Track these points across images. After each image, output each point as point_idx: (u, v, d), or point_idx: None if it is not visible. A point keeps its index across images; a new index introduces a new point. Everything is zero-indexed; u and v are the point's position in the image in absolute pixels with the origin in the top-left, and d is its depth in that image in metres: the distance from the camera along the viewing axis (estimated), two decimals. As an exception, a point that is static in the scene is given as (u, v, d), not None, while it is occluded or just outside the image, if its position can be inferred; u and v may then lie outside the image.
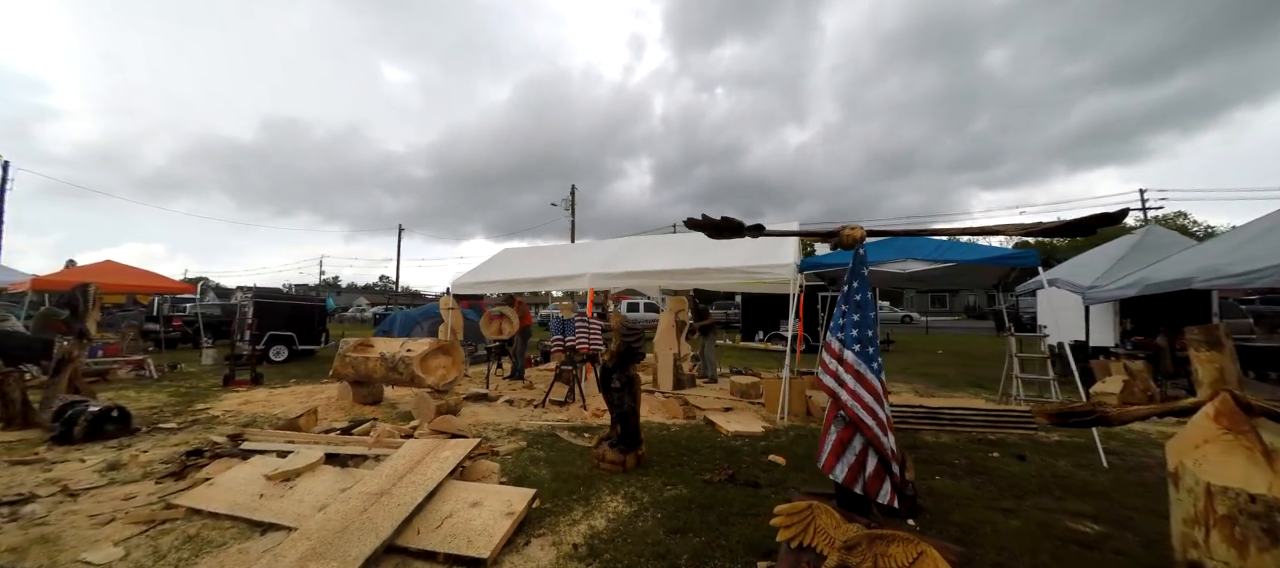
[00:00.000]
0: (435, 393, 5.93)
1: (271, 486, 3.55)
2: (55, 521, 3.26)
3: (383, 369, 6.20)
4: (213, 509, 3.29)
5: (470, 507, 3.16)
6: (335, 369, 6.75)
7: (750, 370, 9.59)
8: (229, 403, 6.97)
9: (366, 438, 4.40)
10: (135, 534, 3.05)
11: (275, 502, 3.35)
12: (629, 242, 8.77)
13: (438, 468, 3.52)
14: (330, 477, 3.69)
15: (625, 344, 4.44)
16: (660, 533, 3.14)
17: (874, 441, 2.77)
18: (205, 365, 11.21)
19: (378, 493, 3.22)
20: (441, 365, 6.19)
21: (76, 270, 9.95)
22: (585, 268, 7.74)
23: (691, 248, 7.85)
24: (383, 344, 6.67)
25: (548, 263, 8.56)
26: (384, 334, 10.99)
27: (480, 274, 9.08)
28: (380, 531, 2.79)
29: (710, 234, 2.82)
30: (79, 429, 4.95)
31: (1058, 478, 4.43)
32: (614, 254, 8.15)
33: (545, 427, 5.70)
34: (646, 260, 7.57)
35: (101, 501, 3.59)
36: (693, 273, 6.93)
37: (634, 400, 4.40)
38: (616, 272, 7.53)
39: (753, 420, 6.00)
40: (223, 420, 5.94)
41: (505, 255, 9.94)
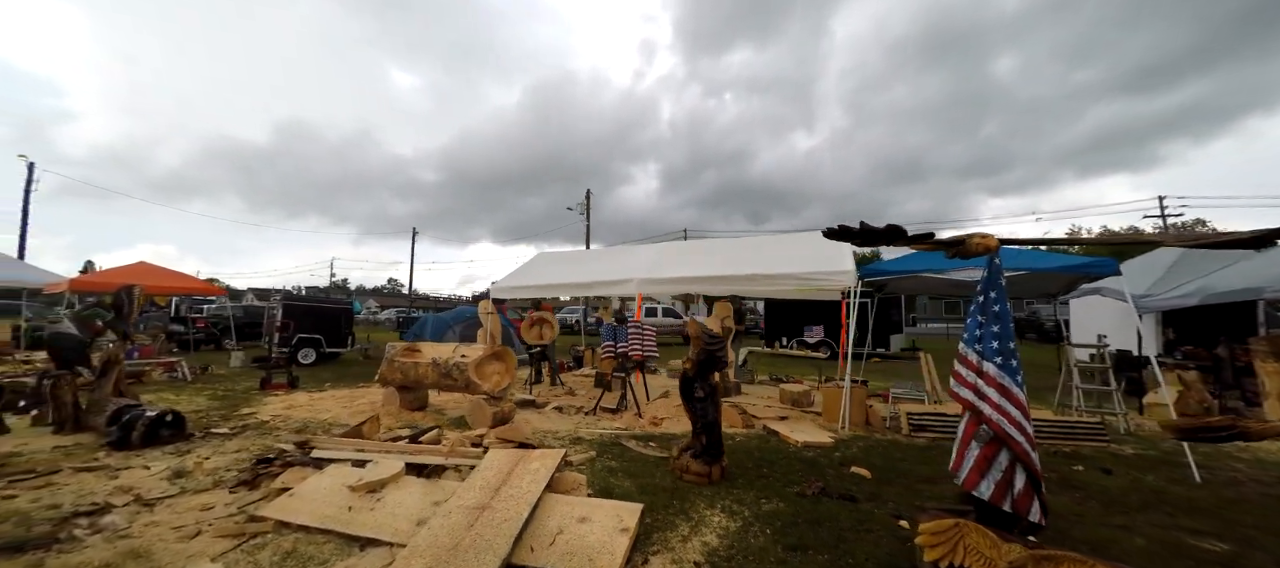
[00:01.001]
0: (491, 400, 5.78)
1: (357, 497, 3.40)
2: (139, 533, 3.11)
3: (435, 375, 6.05)
4: (302, 522, 3.14)
5: (578, 523, 3.00)
6: (382, 374, 6.61)
7: (791, 378, 9.42)
8: (273, 407, 6.83)
9: (440, 448, 4.25)
10: (228, 549, 2.90)
11: (366, 514, 3.20)
12: (675, 246, 8.63)
13: (531, 481, 3.37)
14: (417, 488, 3.53)
15: (706, 352, 4.29)
16: (778, 550, 2.98)
17: (1024, 457, 2.61)
18: (234, 367, 11.09)
19: (477, 507, 3.07)
20: (496, 372, 6.04)
21: (115, 271, 9.86)
22: (632, 272, 7.60)
23: (742, 253, 7.72)
24: (432, 349, 6.53)
25: (590, 267, 8.41)
26: (415, 338, 10.85)
27: (520, 278, 8.95)
28: (496, 549, 2.64)
29: (858, 243, 2.67)
30: (137, 434, 4.82)
31: (1157, 493, 4.25)
32: (659, 258, 8.01)
33: (606, 435, 5.54)
34: (697, 265, 7.43)
35: (179, 511, 3.45)
36: (747, 279, 6.79)
37: (717, 410, 4.24)
38: (666, 276, 7.39)
39: (815, 430, 5.83)
40: (273, 426, 5.80)
41: (541, 260, 9.81)
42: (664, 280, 7.41)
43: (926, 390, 6.51)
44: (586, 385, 8.72)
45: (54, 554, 2.83)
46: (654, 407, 6.72)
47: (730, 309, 8.21)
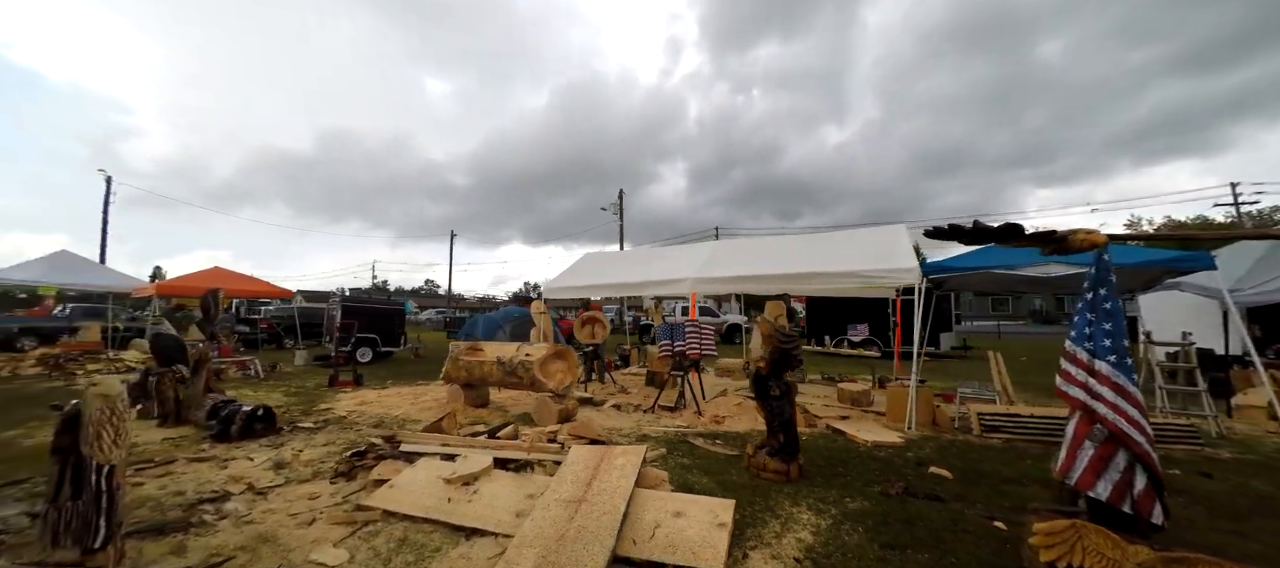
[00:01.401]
0: (555, 397, 5.92)
1: (453, 489, 3.55)
2: (260, 519, 3.34)
3: (500, 373, 6.24)
4: (406, 512, 3.30)
5: (674, 517, 3.05)
6: (447, 372, 6.85)
7: (845, 376, 9.26)
8: (346, 403, 7.16)
9: (521, 443, 4.39)
10: (345, 536, 3.08)
11: (464, 506, 3.34)
12: (727, 245, 8.61)
13: (619, 476, 3.44)
14: (508, 482, 3.66)
15: (781, 350, 4.28)
16: (875, 548, 2.96)
17: (1145, 457, 2.52)
18: (298, 365, 11.69)
19: (572, 501, 3.16)
20: (559, 370, 6.17)
21: (195, 275, 10.59)
22: (685, 272, 7.63)
23: (796, 250, 7.64)
24: (494, 349, 6.73)
25: (641, 267, 8.49)
26: (468, 337, 11.18)
27: (569, 279, 9.10)
28: (602, 540, 2.72)
29: (969, 241, 2.62)
30: (235, 428, 5.16)
31: (1265, 499, 4.02)
32: (712, 257, 8.00)
33: (671, 433, 5.59)
34: (751, 263, 7.40)
35: (290, 499, 3.68)
36: (804, 277, 6.72)
37: (793, 409, 4.24)
38: (720, 275, 7.39)
39: (881, 430, 5.73)
40: (351, 420, 6.10)
41: (588, 260, 9.94)
42: (718, 279, 7.41)
43: (997, 390, 6.30)
44: (636, 384, 8.80)
45: (191, 536, 3.07)
46: (713, 405, 6.74)
47: (782, 308, 8.07)
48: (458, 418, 5.37)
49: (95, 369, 10.45)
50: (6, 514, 3.30)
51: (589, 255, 10.34)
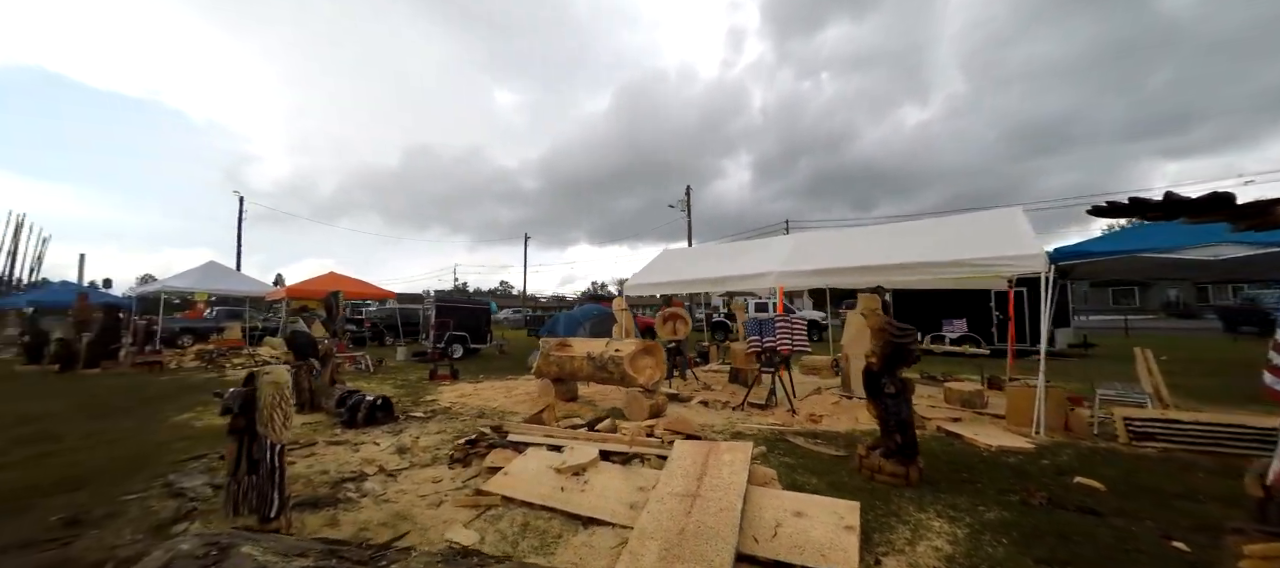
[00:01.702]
0: (645, 393, 5.94)
1: (564, 479, 3.64)
2: (394, 498, 3.62)
3: (590, 368, 6.37)
4: (523, 498, 3.43)
5: (794, 516, 2.93)
6: (538, 367, 7.11)
7: (949, 376, 8.54)
8: (448, 395, 7.66)
9: (622, 436, 4.44)
10: (472, 518, 3.26)
11: (578, 496, 3.42)
12: (812, 236, 8.25)
13: (730, 472, 3.36)
14: (616, 474, 3.71)
15: (894, 344, 3.99)
16: (1028, 562, 2.66)
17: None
18: (400, 361, 12.72)
19: (686, 495, 3.12)
20: (648, 366, 6.20)
21: (315, 280, 11.92)
22: (769, 266, 7.38)
23: (891, 239, 7.14)
24: (582, 345, 6.88)
25: (723, 262, 8.33)
26: (550, 333, 11.58)
27: (649, 275, 9.13)
28: (723, 535, 2.66)
29: (1161, 216, 2.25)
30: (361, 415, 5.67)
31: None
32: (796, 250, 7.69)
33: (767, 432, 5.42)
34: (842, 255, 7.01)
35: (416, 481, 3.96)
36: (904, 267, 6.25)
37: (910, 408, 3.93)
38: (806, 268, 7.08)
39: (1002, 434, 5.20)
40: (455, 411, 6.50)
41: (666, 257, 9.93)
42: (805, 273, 7.10)
43: (1148, 393, 5.49)
44: (718, 381, 8.65)
45: (341, 511, 3.39)
46: (807, 404, 6.46)
47: (876, 301, 7.62)
48: (555, 411, 5.54)
49: (239, 362, 12.00)
50: (194, 485, 3.82)
51: (667, 252, 10.33)
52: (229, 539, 1.60)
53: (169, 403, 7.34)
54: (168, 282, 12.38)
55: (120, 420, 6.21)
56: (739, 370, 8.48)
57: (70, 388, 8.77)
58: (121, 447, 4.98)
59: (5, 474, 4.19)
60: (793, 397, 6.40)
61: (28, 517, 3.34)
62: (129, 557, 2.74)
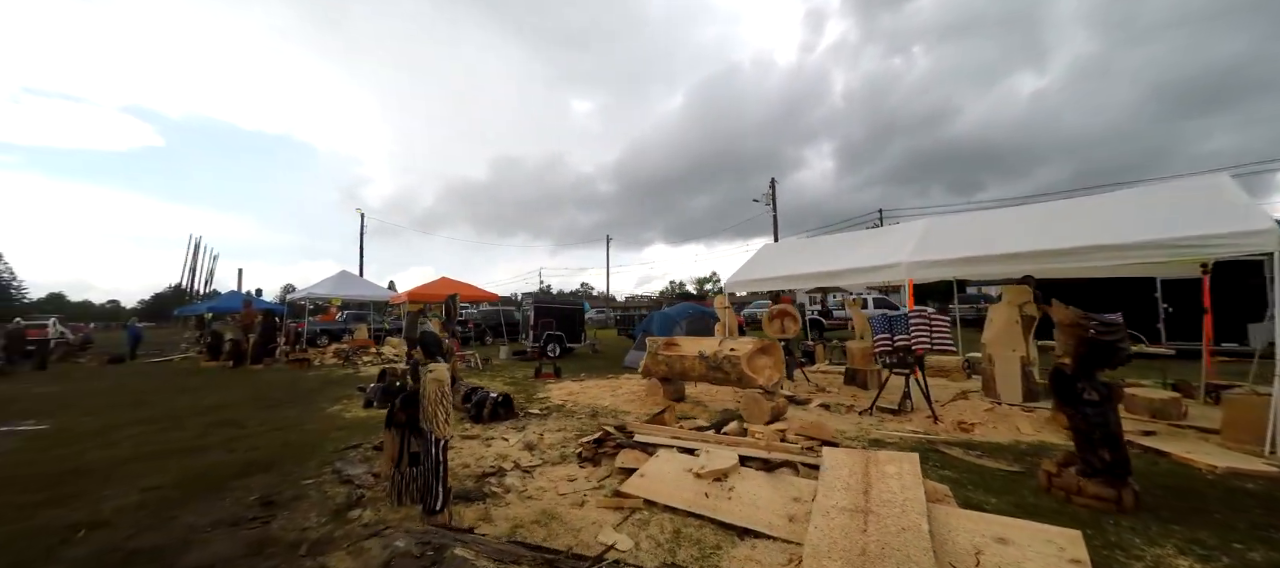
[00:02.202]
0: (765, 394, 5.61)
1: (705, 484, 3.45)
2: (537, 495, 3.64)
3: (702, 368, 6.15)
4: (668, 503, 3.28)
5: (996, 542, 2.50)
6: (646, 366, 7.02)
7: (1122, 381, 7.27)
8: (557, 394, 7.83)
9: (756, 441, 4.18)
10: (619, 521, 3.16)
11: (726, 503, 3.21)
12: (944, 222, 7.40)
13: (901, 486, 2.97)
14: (761, 482, 3.45)
15: (1095, 342, 3.34)
16: (1354, 631, 2.02)
17: None
18: (503, 360, 13.39)
19: (855, 510, 2.79)
20: (767, 366, 5.86)
21: (432, 284, 12.97)
22: (896, 256, 6.71)
23: (1049, 221, 6.19)
24: (692, 344, 6.69)
25: (837, 254, 7.73)
26: (644, 333, 11.54)
27: (753, 272, 8.74)
28: (916, 559, 2.31)
29: None
30: (486, 411, 5.90)
31: None
32: (927, 237, 6.91)
33: (910, 440, 4.87)
34: (985, 241, 6.18)
35: (553, 479, 3.97)
36: (1084, 252, 5.34)
37: (1118, 417, 3.28)
38: (943, 257, 6.33)
39: (1223, 452, 4.23)
40: (570, 409, 6.60)
41: (769, 251, 9.46)
42: (943, 262, 6.35)
43: None
44: (831, 382, 8.05)
45: (491, 505, 3.45)
46: (952, 410, 5.75)
47: (1028, 293, 6.67)
48: (675, 412, 5.40)
49: (367, 360, 13.28)
50: (356, 472, 4.12)
51: (767, 247, 9.85)
52: (440, 539, 1.59)
53: (320, 396, 8.21)
54: (311, 289, 14.16)
55: (285, 410, 7.02)
56: (857, 371, 7.84)
57: (242, 381, 10.17)
58: (291, 434, 5.57)
59: (208, 456, 4.83)
60: (932, 402, 5.73)
61: (229, 496, 3.76)
62: (319, 539, 2.96)
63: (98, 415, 6.96)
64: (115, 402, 8.08)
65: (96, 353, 16.11)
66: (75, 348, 16.99)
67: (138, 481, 4.13)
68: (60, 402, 8.30)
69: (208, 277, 30.82)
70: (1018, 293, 6.73)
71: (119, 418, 6.69)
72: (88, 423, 6.47)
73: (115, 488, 4.00)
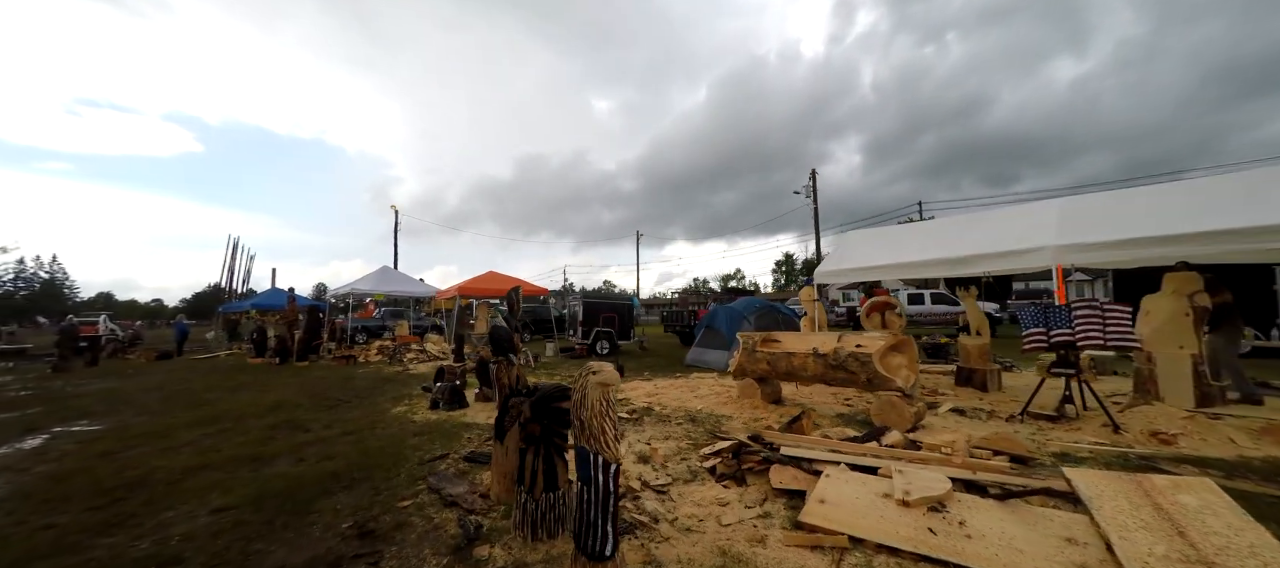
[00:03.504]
0: (904, 397, 4.79)
1: (917, 515, 2.67)
2: (696, 526, 2.90)
3: (819, 367, 5.35)
4: (885, 542, 2.51)
5: None
6: (740, 364, 6.25)
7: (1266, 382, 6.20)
8: (639, 395, 7.12)
9: (948, 456, 3.37)
10: (832, 564, 2.42)
11: (968, 544, 2.43)
12: (1087, 202, 6.42)
13: (1226, 524, 2.15)
14: (998, 514, 2.66)
15: None
16: None
17: None
18: (549, 357, 12.79)
19: (1186, 561, 1.98)
20: (902, 364, 5.04)
21: (479, 278, 12.48)
22: (1038, 239, 5.80)
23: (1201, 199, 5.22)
24: (799, 340, 5.89)
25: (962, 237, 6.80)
26: (707, 328, 10.78)
27: (842, 262, 7.88)
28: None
29: None
30: (576, 416, 5.21)
31: None
32: (1068, 218, 5.96)
33: (1107, 453, 3.99)
34: (1141, 221, 5.24)
35: (698, 502, 3.23)
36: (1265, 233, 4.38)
37: None
38: (1100, 240, 5.41)
39: None
40: (661, 412, 5.87)
41: (858, 238, 8.58)
42: (1101, 246, 5.42)
43: None
44: (937, 383, 7.14)
45: (650, 541, 2.73)
46: (1138, 418, 4.83)
47: (1198, 282, 5.67)
48: (812, 418, 4.62)
49: (411, 357, 12.82)
50: (458, 492, 3.46)
51: (848, 236, 8.98)
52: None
53: (379, 394, 7.68)
54: (354, 284, 13.83)
55: (348, 410, 6.47)
56: (973, 371, 6.92)
57: (292, 379, 9.75)
58: (366, 440, 4.98)
59: (278, 465, 4.24)
60: (1108, 407, 4.82)
61: (316, 521, 3.14)
62: (451, 589, 2.28)
63: (153, 416, 6.53)
64: (170, 400, 7.69)
65: (146, 349, 16.11)
66: (125, 345, 17.05)
67: (205, 497, 3.56)
68: (114, 399, 7.96)
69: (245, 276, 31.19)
70: (1184, 280, 5.72)
71: (176, 419, 6.23)
72: (143, 424, 6.02)
73: (181, 506, 3.43)
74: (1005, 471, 3.12)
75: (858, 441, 3.91)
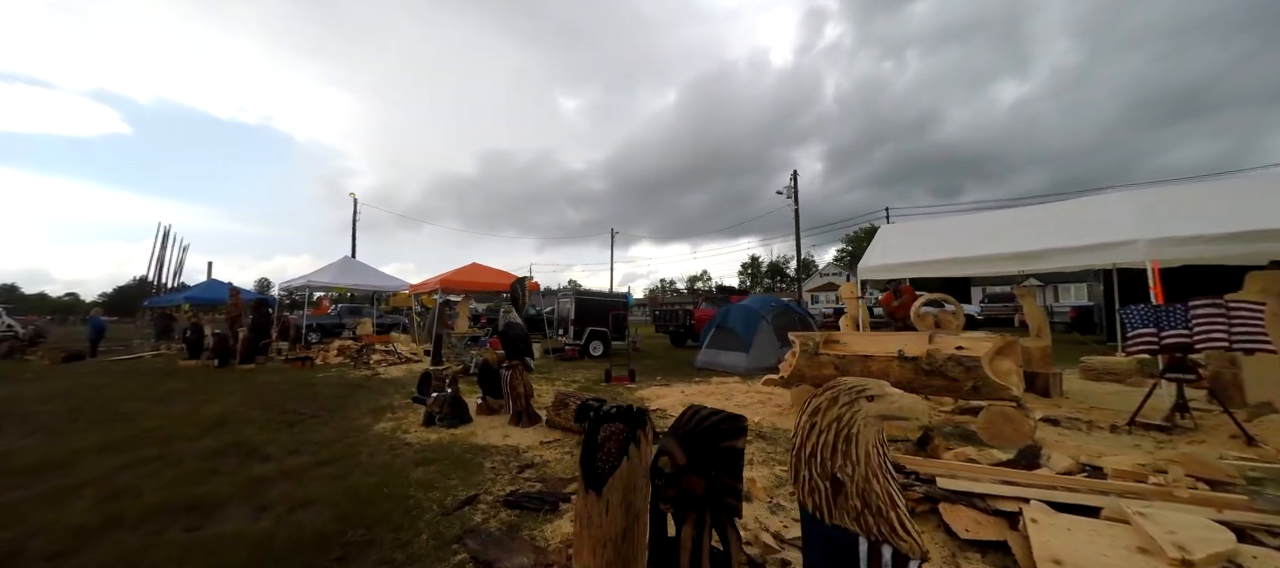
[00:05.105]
0: (1019, 408, 4.06)
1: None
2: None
3: (907, 373, 4.56)
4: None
5: None
6: (798, 369, 5.40)
7: None
8: (669, 404, 6.15)
9: (1160, 486, 2.59)
10: None
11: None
12: (1170, 193, 5.93)
13: None
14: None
15: None
16: None
17: None
18: (538, 359, 11.60)
19: None
20: (1011, 370, 4.31)
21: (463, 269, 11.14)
22: (1131, 230, 5.25)
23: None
24: (876, 341, 5.11)
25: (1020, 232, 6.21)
26: (719, 327, 9.93)
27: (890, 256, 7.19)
28: None
29: None
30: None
31: None
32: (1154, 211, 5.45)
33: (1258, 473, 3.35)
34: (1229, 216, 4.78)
35: None
36: None
37: None
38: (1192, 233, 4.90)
39: None
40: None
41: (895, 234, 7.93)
42: (1197, 240, 4.90)
43: None
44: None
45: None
46: (1270, 428, 4.27)
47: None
48: (941, 441, 3.78)
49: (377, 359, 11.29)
50: (518, 566, 2.39)
51: (890, 229, 8.35)
52: None
53: (350, 405, 6.35)
54: (313, 277, 12.06)
55: (317, 428, 5.16)
56: (1034, 375, 6.34)
57: (236, 385, 8.17)
58: (349, 472, 3.76)
59: (231, 519, 3.00)
60: (1235, 416, 4.25)
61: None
62: None
63: (50, 436, 4.98)
64: (75, 415, 6.05)
65: (50, 348, 13.68)
66: (25, 343, 14.50)
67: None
68: None
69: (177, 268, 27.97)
70: (1275, 279, 5.32)
71: (81, 441, 4.74)
72: (33, 449, 4.51)
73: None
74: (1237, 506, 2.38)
75: (1008, 465, 3.09)
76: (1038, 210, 6.74)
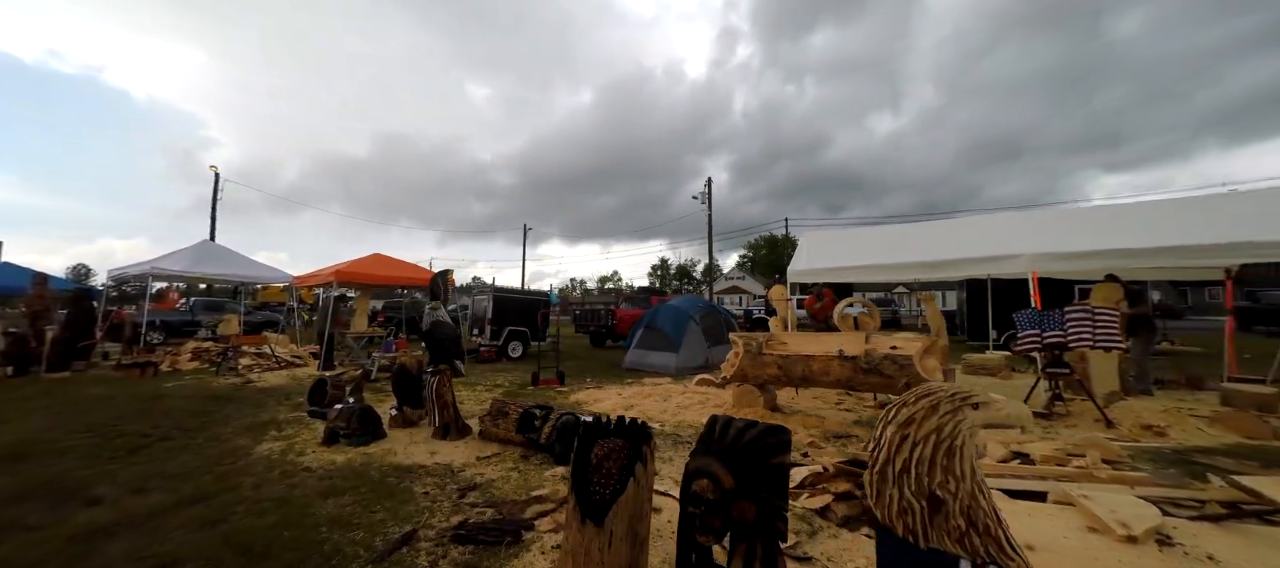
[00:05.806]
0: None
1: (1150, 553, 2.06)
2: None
3: (846, 371, 4.75)
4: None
5: None
6: (741, 369, 5.43)
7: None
8: (609, 407, 5.84)
9: (1087, 468, 2.87)
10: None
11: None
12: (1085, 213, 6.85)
13: None
14: (1225, 540, 2.15)
15: None
16: None
17: None
18: (451, 363, 10.62)
19: None
20: (936, 368, 4.64)
21: (364, 260, 9.73)
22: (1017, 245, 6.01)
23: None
24: (817, 341, 5.27)
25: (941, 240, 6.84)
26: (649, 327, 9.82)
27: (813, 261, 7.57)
28: None
29: None
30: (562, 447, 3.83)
31: None
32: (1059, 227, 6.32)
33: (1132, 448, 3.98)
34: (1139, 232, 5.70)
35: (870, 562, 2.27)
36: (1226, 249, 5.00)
37: None
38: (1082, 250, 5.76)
39: None
40: (664, 429, 4.74)
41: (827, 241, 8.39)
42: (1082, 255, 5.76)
43: None
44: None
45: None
46: (1124, 412, 5.06)
47: (1118, 291, 6.40)
48: None
49: (248, 364, 9.54)
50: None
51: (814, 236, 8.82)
52: None
53: (216, 422, 5.18)
54: (159, 263, 9.67)
55: (172, 456, 4.09)
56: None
57: (43, 401, 6.35)
58: (229, 512, 2.97)
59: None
60: (1099, 404, 5.01)
61: None
62: None
63: None
64: None
65: None
66: None
67: None
68: None
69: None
70: (1111, 290, 6.43)
71: None
72: None
73: None
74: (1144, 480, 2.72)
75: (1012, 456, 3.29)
76: (937, 225, 7.54)
